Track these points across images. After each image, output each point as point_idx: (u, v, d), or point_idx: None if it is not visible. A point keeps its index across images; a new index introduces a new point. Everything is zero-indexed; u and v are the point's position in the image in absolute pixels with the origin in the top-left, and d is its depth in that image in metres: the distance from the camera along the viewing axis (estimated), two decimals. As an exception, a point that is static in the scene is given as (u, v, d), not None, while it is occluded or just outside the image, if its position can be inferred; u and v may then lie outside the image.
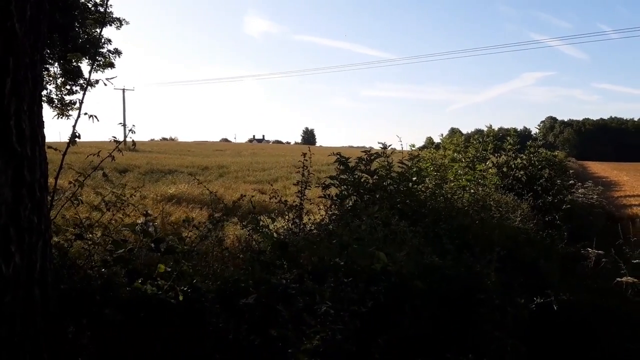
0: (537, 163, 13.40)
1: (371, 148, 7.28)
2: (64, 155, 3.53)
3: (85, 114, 3.57)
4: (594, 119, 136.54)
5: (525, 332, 4.53)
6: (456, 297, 4.37)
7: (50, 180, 3.14)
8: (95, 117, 3.62)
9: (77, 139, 3.59)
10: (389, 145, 7.56)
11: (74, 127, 3.54)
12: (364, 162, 6.95)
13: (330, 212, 6.22)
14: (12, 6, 1.72)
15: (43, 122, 2.09)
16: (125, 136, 4.17)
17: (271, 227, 5.12)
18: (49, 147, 3.65)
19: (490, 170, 11.74)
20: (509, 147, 13.45)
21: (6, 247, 1.74)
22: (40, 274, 1.95)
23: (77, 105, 3.73)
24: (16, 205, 1.79)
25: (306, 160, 5.89)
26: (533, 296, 4.84)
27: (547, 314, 5.06)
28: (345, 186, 6.73)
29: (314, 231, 5.42)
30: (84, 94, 3.75)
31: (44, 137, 2.07)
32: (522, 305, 4.38)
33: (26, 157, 1.86)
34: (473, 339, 4.12)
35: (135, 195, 4.79)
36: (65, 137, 4.66)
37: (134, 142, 4.25)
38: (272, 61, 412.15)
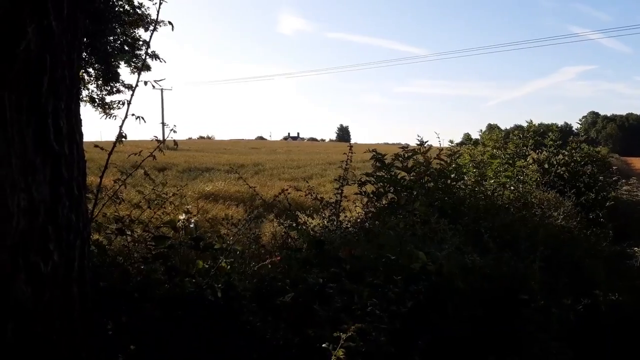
0: (579, 159, 13.00)
1: (407, 145, 7.15)
2: (109, 154, 3.57)
3: (133, 114, 3.59)
4: (638, 114, 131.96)
5: (569, 334, 4.38)
6: (498, 298, 4.25)
7: (94, 178, 3.18)
8: (142, 118, 3.63)
9: (123, 139, 3.62)
10: (426, 142, 7.43)
11: (120, 127, 3.56)
12: (400, 158, 6.84)
13: (367, 210, 6.15)
14: (48, 4, 1.71)
15: (81, 120, 2.08)
16: (164, 136, 4.17)
17: (309, 224, 5.10)
18: (96, 145, 3.71)
19: (531, 166, 11.44)
20: (550, 142, 13.08)
21: (45, 246, 1.74)
22: (78, 272, 1.94)
23: (119, 105, 3.76)
24: (54, 204, 1.79)
25: (351, 153, 5.85)
26: (578, 296, 4.68)
27: (592, 315, 4.89)
28: (381, 183, 6.63)
29: (350, 229, 5.36)
30: (132, 95, 3.74)
31: (82, 135, 2.07)
32: (568, 306, 4.22)
33: (64, 156, 1.85)
34: (515, 341, 4.00)
35: (176, 193, 4.83)
36: (105, 137, 4.71)
37: (175, 142, 4.26)
38: (306, 59, 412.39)
